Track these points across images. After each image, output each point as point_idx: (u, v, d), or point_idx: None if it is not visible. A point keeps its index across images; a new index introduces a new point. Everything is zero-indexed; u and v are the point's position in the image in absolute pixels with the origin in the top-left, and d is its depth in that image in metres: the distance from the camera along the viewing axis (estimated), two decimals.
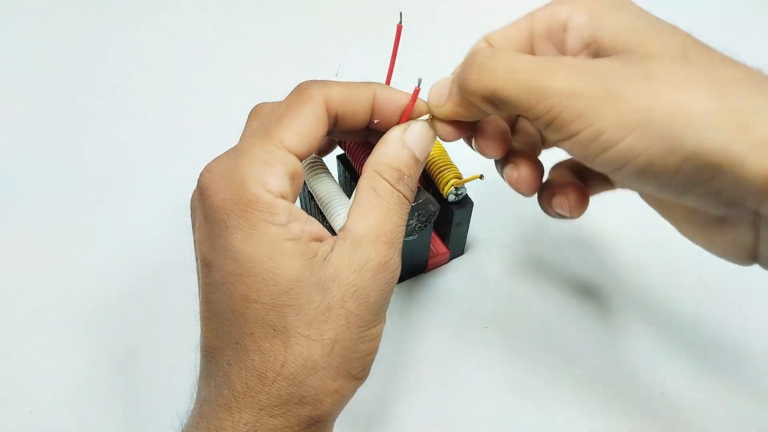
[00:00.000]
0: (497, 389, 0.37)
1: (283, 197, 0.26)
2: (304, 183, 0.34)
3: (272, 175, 0.25)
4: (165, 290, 0.42)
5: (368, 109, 0.29)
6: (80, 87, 0.56)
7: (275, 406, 0.25)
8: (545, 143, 0.33)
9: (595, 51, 0.26)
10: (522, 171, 0.30)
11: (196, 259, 0.28)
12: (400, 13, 0.29)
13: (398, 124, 0.29)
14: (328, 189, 0.33)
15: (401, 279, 0.42)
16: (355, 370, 0.26)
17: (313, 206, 0.35)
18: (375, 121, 0.30)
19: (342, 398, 0.26)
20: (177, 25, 0.62)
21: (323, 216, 0.33)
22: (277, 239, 0.25)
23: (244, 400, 0.25)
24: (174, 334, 0.34)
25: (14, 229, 0.46)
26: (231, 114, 0.32)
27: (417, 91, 0.29)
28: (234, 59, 0.59)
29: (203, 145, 0.36)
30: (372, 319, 0.26)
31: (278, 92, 0.32)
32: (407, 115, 0.29)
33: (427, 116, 0.30)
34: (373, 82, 0.30)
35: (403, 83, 0.30)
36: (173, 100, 0.55)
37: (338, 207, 0.32)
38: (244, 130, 0.29)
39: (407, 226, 0.33)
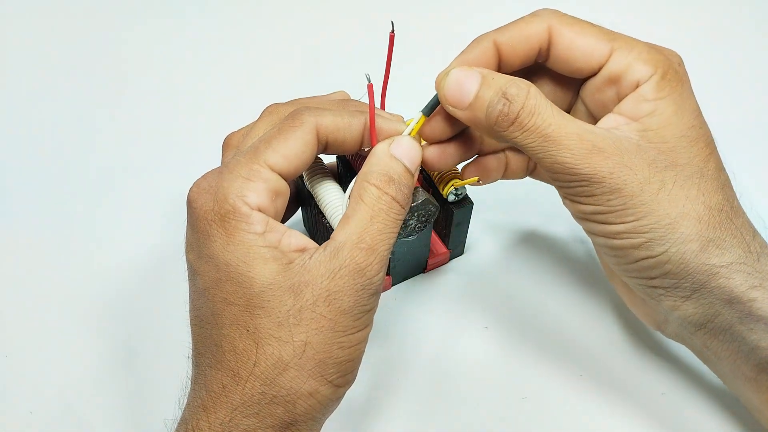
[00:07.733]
0: (497, 389, 0.37)
1: (260, 210, 0.27)
2: (305, 184, 0.35)
3: (251, 190, 0.27)
4: (167, 291, 0.42)
5: (359, 138, 0.30)
6: (81, 87, 0.56)
7: (249, 405, 0.25)
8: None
9: (639, 125, 0.28)
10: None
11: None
12: (392, 22, 0.29)
13: (372, 144, 0.30)
14: (328, 190, 0.33)
15: (401, 279, 0.42)
16: (332, 375, 0.26)
17: (313, 206, 0.35)
18: (365, 149, 0.31)
19: (318, 404, 0.26)
20: (178, 28, 0.62)
21: (324, 217, 0.33)
22: (252, 245, 0.26)
23: (219, 399, 0.26)
24: (174, 337, 0.34)
25: (13, 231, 0.45)
26: (232, 114, 0.33)
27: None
28: (236, 62, 0.59)
29: (204, 148, 0.36)
30: (350, 326, 0.26)
31: (279, 97, 0.32)
32: (373, 133, 0.29)
33: (408, 131, 0.30)
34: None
35: (401, 89, 0.30)
36: (174, 101, 0.55)
37: (338, 208, 0.32)
38: (221, 160, 0.31)
39: (407, 226, 0.33)
